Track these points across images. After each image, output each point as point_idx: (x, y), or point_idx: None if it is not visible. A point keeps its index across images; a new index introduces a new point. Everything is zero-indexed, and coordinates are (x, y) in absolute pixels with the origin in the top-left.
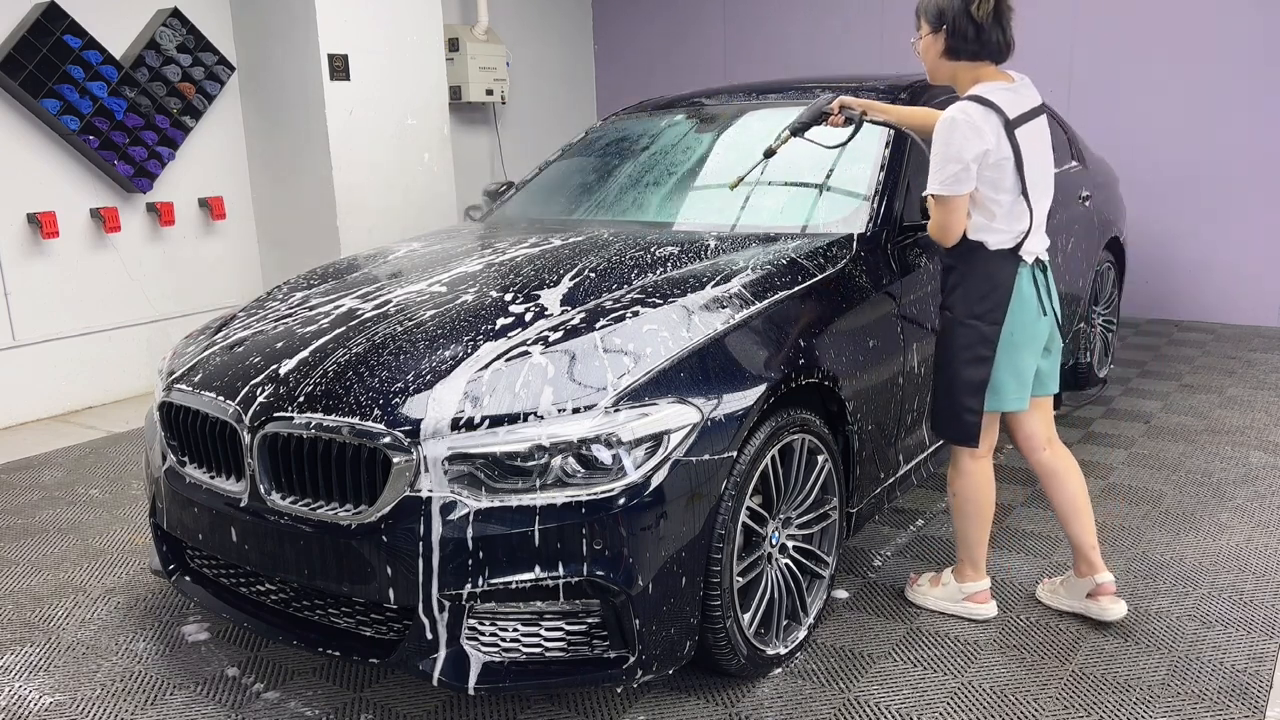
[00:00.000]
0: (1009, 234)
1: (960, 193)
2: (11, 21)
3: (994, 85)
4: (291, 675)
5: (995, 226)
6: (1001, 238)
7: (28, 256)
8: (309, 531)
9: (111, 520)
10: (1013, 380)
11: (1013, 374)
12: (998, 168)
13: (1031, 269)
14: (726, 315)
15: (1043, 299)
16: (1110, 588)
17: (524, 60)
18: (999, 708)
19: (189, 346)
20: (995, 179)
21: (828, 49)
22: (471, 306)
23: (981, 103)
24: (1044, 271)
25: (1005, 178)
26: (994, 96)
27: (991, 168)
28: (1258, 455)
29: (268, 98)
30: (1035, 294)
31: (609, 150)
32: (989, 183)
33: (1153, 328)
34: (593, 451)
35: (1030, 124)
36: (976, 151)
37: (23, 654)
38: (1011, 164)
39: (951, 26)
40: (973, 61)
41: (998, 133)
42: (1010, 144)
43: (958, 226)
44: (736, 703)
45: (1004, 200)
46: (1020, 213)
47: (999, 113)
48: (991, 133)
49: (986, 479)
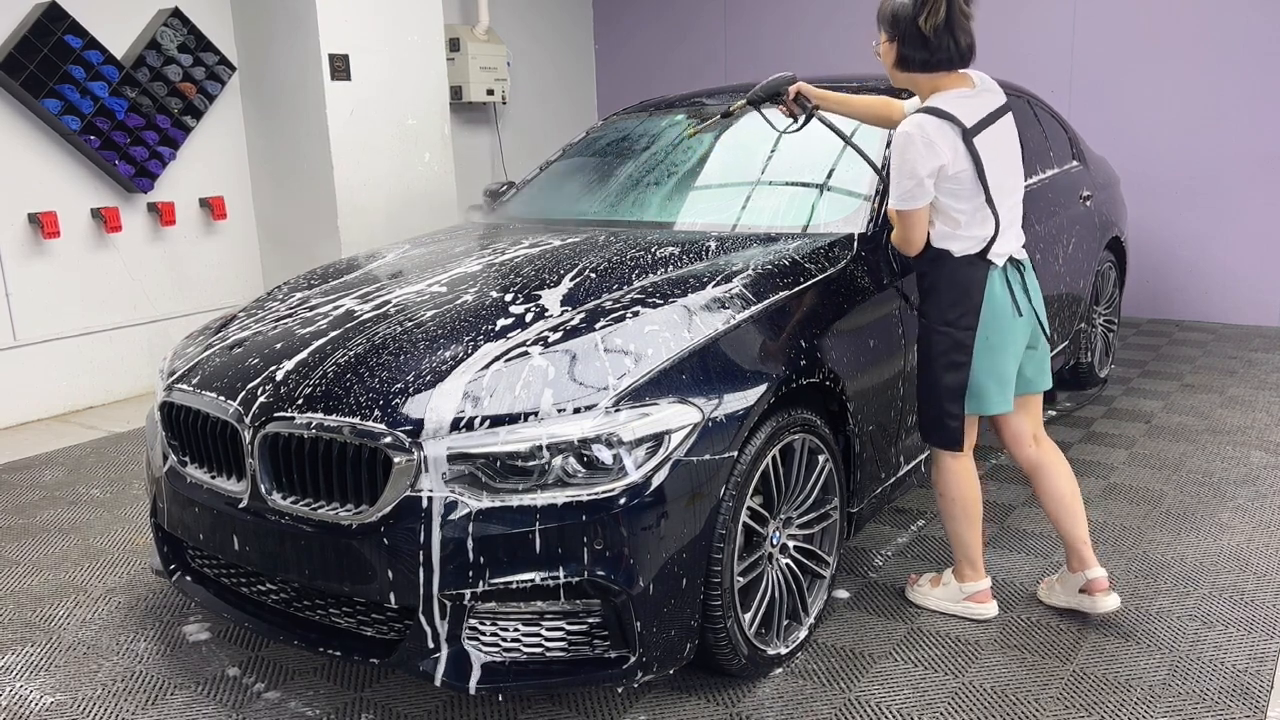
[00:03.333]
0: (973, 240)
1: (917, 207)
2: (12, 21)
3: (952, 94)
4: (292, 675)
5: (959, 234)
6: (966, 244)
7: (29, 256)
8: (310, 531)
9: (112, 520)
10: (994, 383)
11: (993, 377)
12: (956, 179)
13: (1004, 270)
14: (727, 315)
15: (1017, 300)
16: (1102, 583)
17: (524, 60)
18: (999, 708)
19: (189, 347)
20: (955, 190)
21: (828, 49)
22: (472, 307)
23: (938, 115)
24: (1020, 270)
25: (965, 187)
26: (950, 106)
27: (950, 179)
28: (1259, 455)
29: (268, 98)
30: (1009, 295)
31: (609, 150)
32: (949, 193)
33: (1154, 328)
34: (593, 451)
35: (991, 128)
36: (931, 168)
37: (23, 654)
38: (971, 173)
39: (903, 37)
40: (926, 72)
41: (954, 145)
42: (969, 153)
43: (918, 238)
44: (737, 703)
45: (966, 209)
46: (984, 219)
47: (955, 123)
48: (948, 147)
49: (969, 476)
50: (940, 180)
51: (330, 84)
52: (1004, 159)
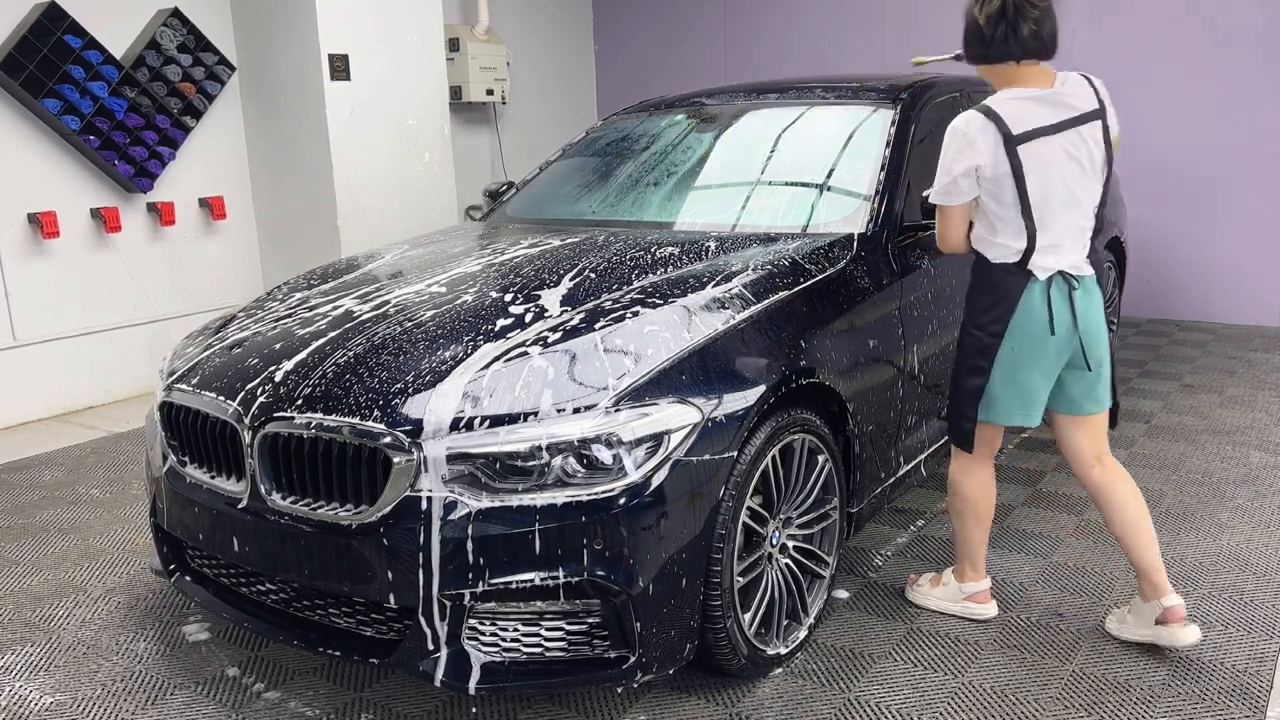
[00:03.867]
0: (1007, 249)
1: (951, 204)
2: (12, 21)
3: (1017, 92)
4: (292, 675)
5: (995, 240)
6: (1001, 252)
7: (28, 256)
8: (309, 531)
9: (112, 520)
10: (1012, 395)
11: (1012, 389)
12: (996, 182)
13: (1045, 285)
14: (727, 315)
15: (1054, 317)
16: (1180, 612)
17: (524, 60)
18: (999, 708)
19: (189, 347)
20: (995, 192)
21: (828, 49)
22: (471, 307)
23: (986, 114)
24: (1071, 288)
25: (1005, 193)
26: (1005, 106)
27: (990, 181)
28: (1258, 455)
29: (268, 98)
30: (1046, 311)
31: (609, 150)
32: (990, 195)
33: (1153, 328)
34: (593, 451)
35: (1049, 138)
36: (966, 166)
37: (23, 654)
38: (1010, 180)
39: (966, 32)
40: (989, 65)
41: (994, 148)
42: (1010, 160)
43: (953, 236)
44: (737, 703)
45: (1006, 215)
46: (1018, 230)
47: (1000, 127)
48: (986, 149)
49: (985, 481)
50: (981, 180)
51: (330, 84)
52: (1060, 172)
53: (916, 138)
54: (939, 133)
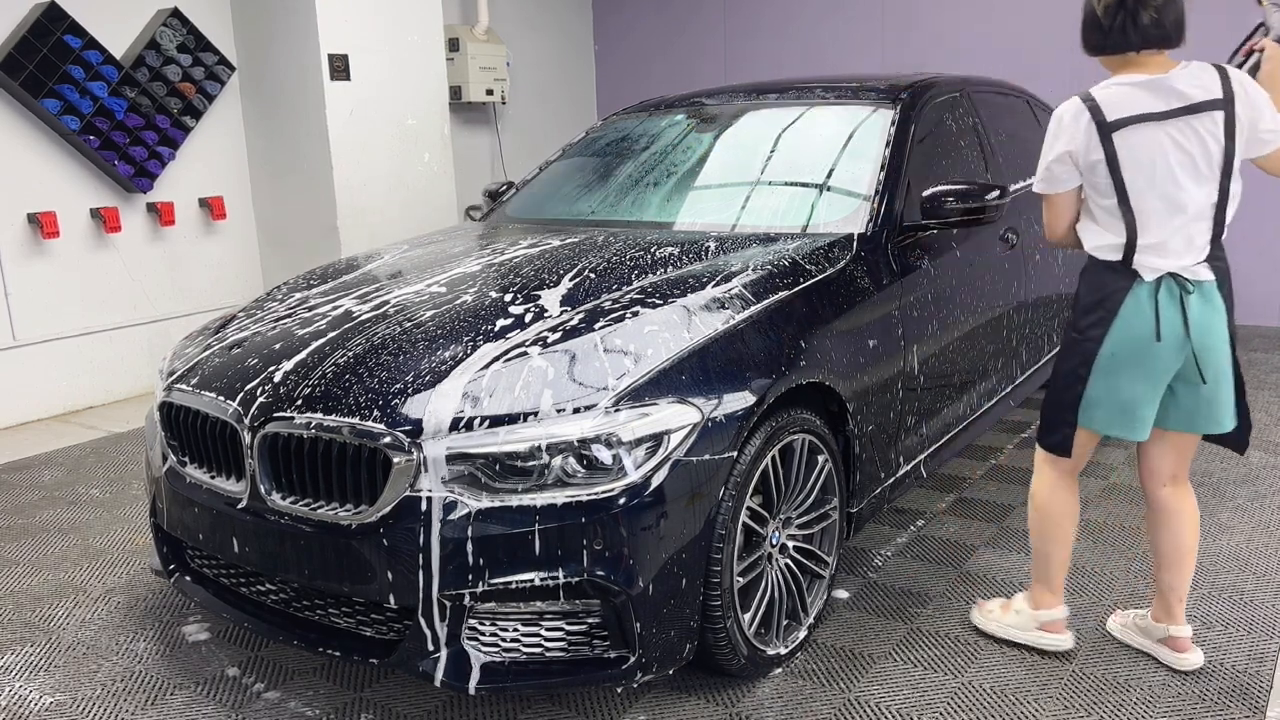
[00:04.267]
0: (1111, 245)
1: (1049, 191)
2: (12, 21)
3: (1124, 78)
4: (292, 675)
5: (1095, 234)
6: (1103, 247)
7: (28, 256)
8: (309, 531)
9: (112, 520)
10: (1109, 403)
11: (1110, 396)
12: (1092, 170)
13: (1154, 287)
14: (727, 315)
15: (1162, 323)
16: (1186, 643)
17: (524, 60)
18: (999, 708)
19: (189, 347)
20: (1093, 181)
21: (828, 49)
22: (471, 307)
23: (1084, 99)
24: (1182, 293)
25: (1100, 181)
26: (1105, 92)
27: (1087, 169)
28: (1258, 455)
29: (268, 98)
30: (1153, 316)
31: (609, 150)
32: (1089, 184)
33: None
34: (593, 451)
35: (1155, 125)
36: (1058, 153)
37: (23, 654)
38: (1104, 167)
39: (1084, 21)
40: (1103, 55)
41: (1088, 134)
42: (1104, 147)
43: (1058, 226)
44: (737, 703)
45: (1105, 205)
46: (1114, 223)
47: (1095, 112)
48: (1080, 134)
49: (1066, 492)
50: (1080, 168)
51: (330, 84)
52: (1165, 163)
53: (916, 138)
54: (939, 133)
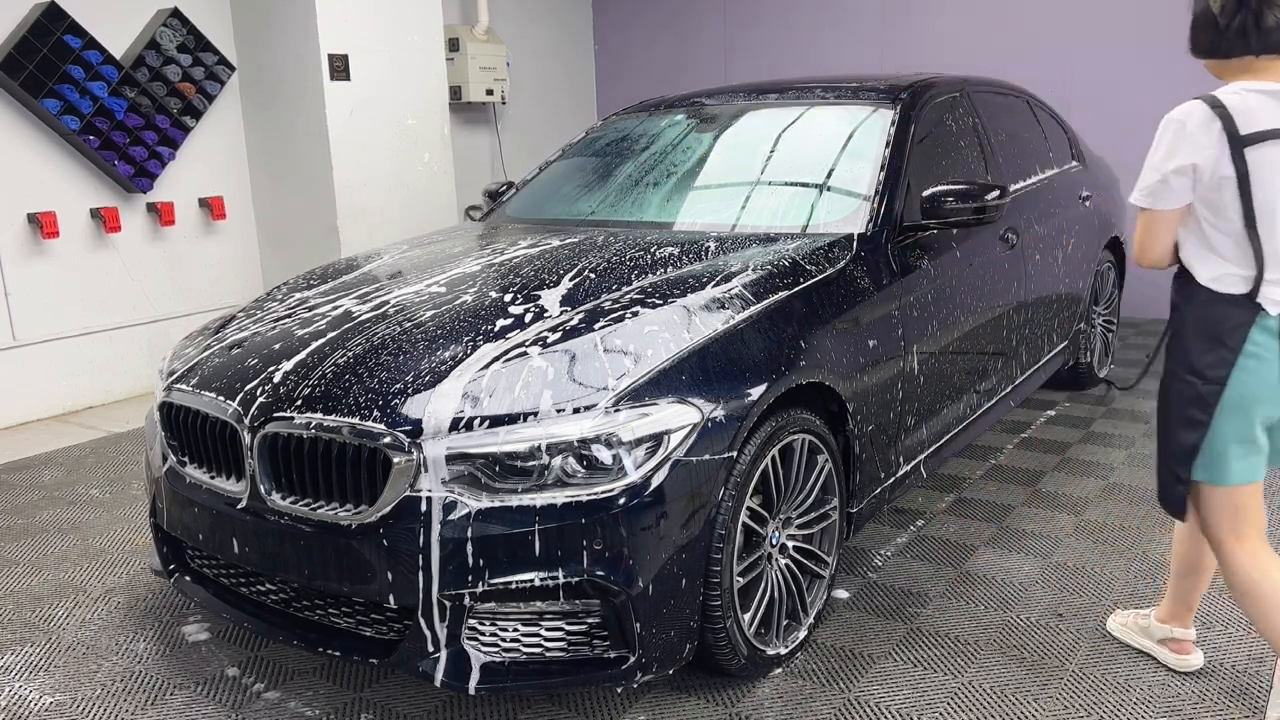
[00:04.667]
0: (1233, 276)
1: (1158, 208)
2: (12, 21)
3: (1249, 84)
4: (292, 675)
5: (1214, 259)
6: (1217, 274)
7: (28, 256)
8: (309, 531)
9: (111, 520)
10: (1237, 448)
11: (1238, 440)
12: (1216, 188)
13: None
14: (727, 315)
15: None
16: (1189, 646)
17: (524, 60)
18: (999, 708)
19: (189, 347)
20: (1213, 201)
21: (828, 49)
22: (471, 307)
23: (1212, 105)
24: None
25: (1225, 203)
26: (1237, 99)
27: (1207, 186)
28: None
29: (268, 98)
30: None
31: (609, 150)
32: (1206, 203)
33: (1153, 327)
34: (593, 451)
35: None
36: (1180, 164)
37: (23, 654)
38: (1234, 186)
39: (1195, 19)
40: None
41: (1219, 147)
42: (1235, 164)
43: (1157, 249)
44: (737, 703)
45: (1226, 229)
46: (1243, 252)
47: (1228, 123)
48: (1210, 145)
49: (1259, 564)
50: (1197, 184)
51: (330, 84)
52: None
53: (916, 138)
54: (939, 133)
